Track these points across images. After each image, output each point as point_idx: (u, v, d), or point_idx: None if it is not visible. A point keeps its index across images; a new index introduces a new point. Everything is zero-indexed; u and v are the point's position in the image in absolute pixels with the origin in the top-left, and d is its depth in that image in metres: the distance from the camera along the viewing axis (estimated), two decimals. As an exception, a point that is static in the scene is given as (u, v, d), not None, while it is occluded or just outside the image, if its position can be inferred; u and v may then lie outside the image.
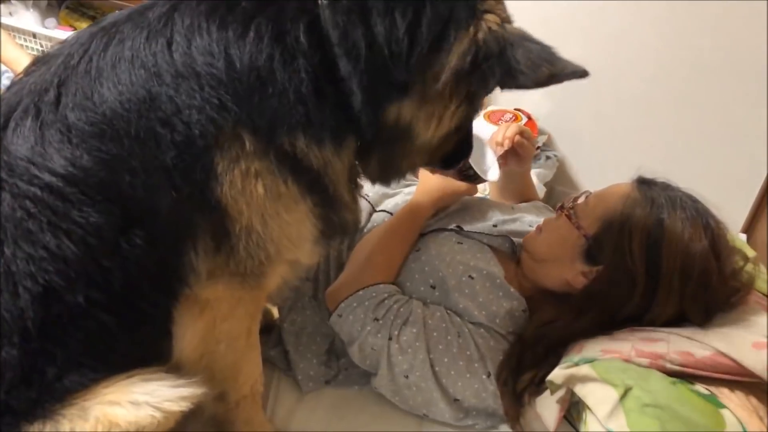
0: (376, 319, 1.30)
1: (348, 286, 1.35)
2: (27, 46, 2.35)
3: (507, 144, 1.53)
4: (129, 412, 0.97)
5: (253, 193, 0.97)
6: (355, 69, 0.95)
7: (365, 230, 1.51)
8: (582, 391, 1.12)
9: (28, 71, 1.02)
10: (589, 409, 1.12)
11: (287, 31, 0.93)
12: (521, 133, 1.55)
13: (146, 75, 0.93)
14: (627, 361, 1.16)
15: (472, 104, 1.07)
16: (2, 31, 2.18)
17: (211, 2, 0.95)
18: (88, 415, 0.96)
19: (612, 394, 1.08)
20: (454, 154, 1.24)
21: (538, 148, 2.25)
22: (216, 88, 0.93)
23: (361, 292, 1.33)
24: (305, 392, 1.39)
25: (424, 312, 1.31)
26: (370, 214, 1.57)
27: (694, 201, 1.30)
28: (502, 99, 2.31)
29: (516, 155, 1.57)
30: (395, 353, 1.28)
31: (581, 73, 0.95)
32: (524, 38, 0.96)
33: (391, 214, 1.52)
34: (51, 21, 2.45)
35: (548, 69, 0.93)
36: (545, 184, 2.18)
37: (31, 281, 0.92)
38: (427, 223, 1.48)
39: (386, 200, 1.61)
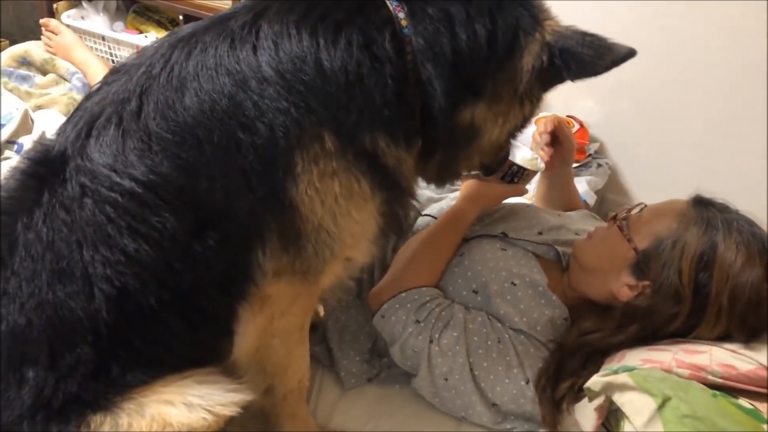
0: (418, 321, 1.32)
1: (391, 288, 1.38)
2: (96, 48, 2.46)
3: (549, 126, 1.52)
4: (182, 413, 1.02)
5: (329, 191, 1.03)
6: (439, 74, 1.03)
7: (410, 233, 1.54)
8: (620, 399, 1.12)
9: (107, 80, 1.07)
10: (626, 417, 1.12)
11: (374, 40, 1.00)
12: (558, 121, 1.55)
13: (230, 81, 0.98)
14: (667, 371, 1.16)
15: (535, 102, 1.15)
16: (74, 34, 2.30)
17: (299, 11, 1.01)
18: (144, 412, 1.01)
19: (650, 404, 1.08)
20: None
21: (590, 155, 2.23)
22: (303, 91, 0.98)
23: (403, 295, 1.35)
24: (347, 389, 1.42)
25: (465, 316, 1.33)
26: (415, 218, 1.59)
27: (752, 225, 1.27)
28: (554, 106, 2.30)
29: (559, 146, 1.56)
30: (435, 355, 1.30)
31: (632, 52, 1.06)
32: (583, 33, 1.07)
33: (436, 218, 1.54)
34: (119, 24, 2.56)
35: (610, 55, 1.05)
36: (596, 192, 2.16)
37: (107, 284, 0.98)
38: (473, 229, 1.49)
39: (432, 204, 1.64)
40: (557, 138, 1.55)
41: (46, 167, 1.02)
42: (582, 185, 2.04)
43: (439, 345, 1.30)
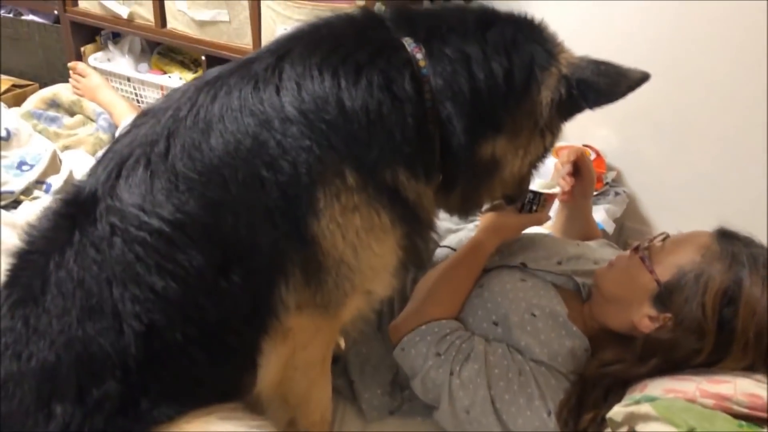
0: (438, 354, 1.33)
1: (411, 321, 1.39)
2: (121, 89, 2.53)
3: (572, 157, 1.54)
4: None
5: (350, 225, 1.05)
6: (458, 111, 1.07)
7: (429, 265, 1.55)
8: (643, 429, 1.11)
9: (136, 123, 1.12)
10: (650, 449, 1.12)
11: (394, 80, 1.04)
12: (581, 153, 1.57)
13: (254, 122, 1.01)
14: (691, 401, 1.14)
15: (556, 133, 1.19)
16: (100, 76, 2.37)
17: (321, 54, 1.05)
18: None
19: (673, 434, 1.07)
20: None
21: (607, 183, 2.24)
22: (326, 130, 1.01)
23: (423, 327, 1.36)
24: (369, 421, 1.42)
25: (486, 348, 1.33)
26: (434, 250, 1.61)
27: None
28: (570, 136, 2.31)
29: (580, 177, 1.57)
30: (456, 388, 1.30)
31: (646, 76, 1.10)
32: (597, 63, 1.11)
33: (454, 250, 1.55)
34: (143, 66, 2.63)
35: (626, 81, 1.09)
36: (615, 220, 2.16)
37: (136, 321, 1.00)
38: (492, 260, 1.50)
39: (450, 236, 1.65)
40: (579, 169, 1.57)
41: (78, 207, 1.06)
42: (600, 213, 2.05)
43: (460, 378, 1.30)
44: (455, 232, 1.67)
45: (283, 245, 1.04)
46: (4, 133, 1.88)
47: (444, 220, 1.66)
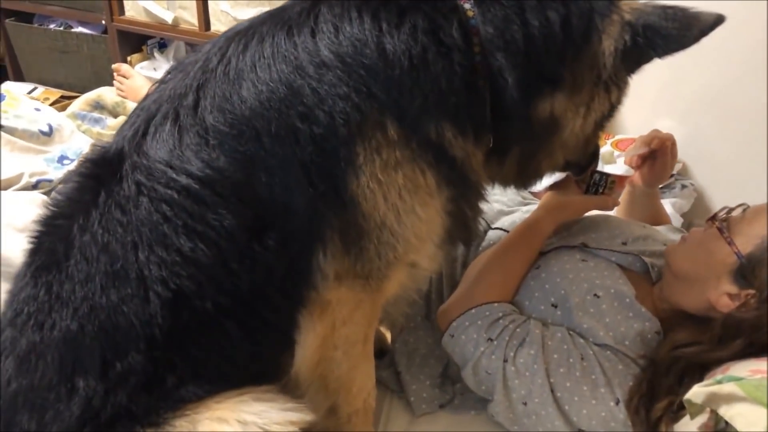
0: (490, 339, 1.22)
1: (460, 305, 1.28)
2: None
3: (651, 143, 1.41)
4: (236, 430, 0.95)
5: (392, 184, 0.98)
6: (511, 64, 0.97)
7: (480, 249, 1.45)
8: (728, 412, 0.98)
9: (165, 79, 1.06)
10: (737, 436, 0.98)
11: (441, 26, 0.96)
12: (661, 140, 1.43)
13: (288, 69, 0.95)
14: (782, 382, 1.01)
15: (623, 87, 1.09)
16: (143, 77, 2.38)
17: None
18: (197, 429, 0.96)
19: (765, 415, 0.93)
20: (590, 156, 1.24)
21: (672, 175, 2.10)
22: (364, 76, 0.94)
23: (473, 311, 1.26)
24: (418, 415, 1.32)
25: (543, 332, 1.22)
26: (485, 232, 1.50)
27: None
28: (631, 127, 2.20)
29: (652, 164, 1.45)
30: (511, 376, 1.19)
31: (720, 19, 1.00)
32: (663, 6, 1.01)
33: (507, 231, 1.44)
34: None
35: (697, 24, 0.99)
36: (683, 216, 2.02)
37: (162, 286, 0.94)
38: (549, 242, 1.39)
39: (503, 218, 1.55)
40: (655, 157, 1.44)
41: (104, 167, 1.00)
42: (667, 207, 1.90)
43: (515, 365, 1.19)
44: (507, 213, 1.56)
45: (321, 206, 0.97)
46: (46, 128, 1.87)
47: (495, 203, 1.57)
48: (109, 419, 0.95)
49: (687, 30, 0.99)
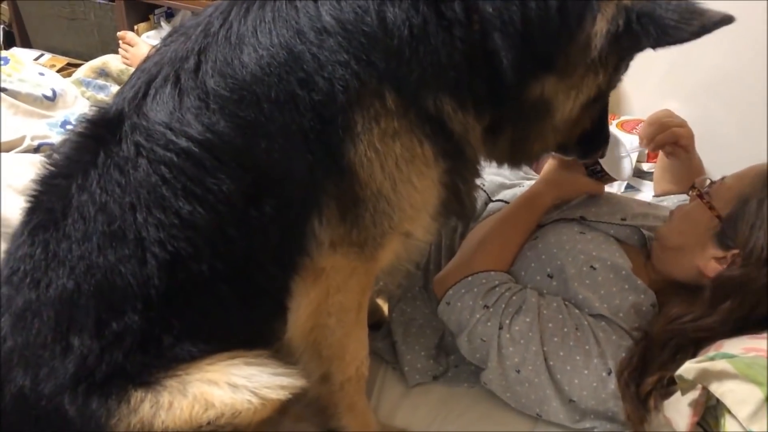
0: (486, 307, 1.22)
1: (457, 272, 1.28)
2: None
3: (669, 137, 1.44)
4: (226, 393, 0.97)
5: (389, 154, 0.97)
6: (508, 43, 0.95)
7: (479, 219, 1.45)
8: (719, 389, 0.98)
9: (166, 42, 1.05)
10: (727, 411, 0.98)
11: None
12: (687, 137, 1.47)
13: (288, 34, 0.94)
14: (774, 360, 1.01)
15: (610, 71, 1.05)
16: (149, 45, 2.35)
17: None
18: (187, 391, 0.97)
19: (756, 393, 0.94)
20: (592, 139, 1.21)
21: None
22: (364, 43, 0.93)
23: (470, 278, 1.26)
24: (411, 386, 1.33)
25: (539, 301, 1.22)
26: (486, 204, 1.50)
27: None
28: (635, 108, 2.18)
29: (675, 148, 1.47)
30: (506, 344, 1.20)
31: (728, 19, 0.94)
32: None
33: (508, 203, 1.44)
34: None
35: (699, 20, 0.94)
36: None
37: (160, 248, 0.95)
38: (548, 216, 1.38)
39: (503, 191, 1.54)
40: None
41: (103, 127, 1.00)
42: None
43: (510, 332, 1.20)
44: (509, 187, 1.56)
45: (318, 174, 0.97)
46: (50, 93, 1.87)
47: (497, 176, 1.56)
48: (104, 378, 0.96)
49: (686, 23, 0.93)
